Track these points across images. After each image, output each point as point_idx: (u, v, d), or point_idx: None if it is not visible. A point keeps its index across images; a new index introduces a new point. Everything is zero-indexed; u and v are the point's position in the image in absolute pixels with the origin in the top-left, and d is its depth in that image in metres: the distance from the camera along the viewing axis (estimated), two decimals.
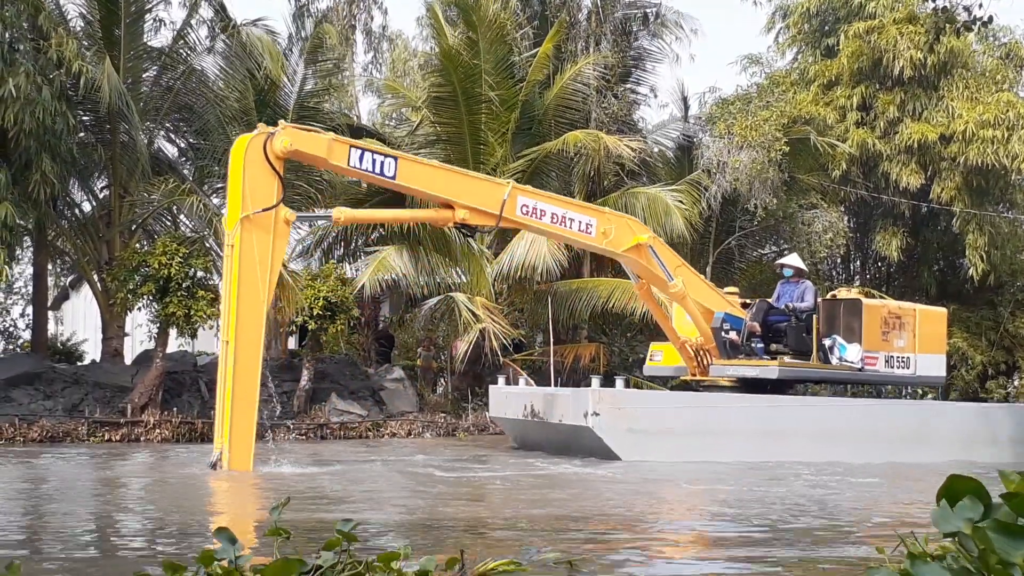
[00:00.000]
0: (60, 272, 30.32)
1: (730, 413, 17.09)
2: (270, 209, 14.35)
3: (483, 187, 16.55)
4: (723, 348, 17.82)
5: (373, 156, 15.28)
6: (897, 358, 18.48)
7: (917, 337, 18.87)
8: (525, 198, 16.53)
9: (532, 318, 26.24)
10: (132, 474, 15.19)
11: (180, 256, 20.50)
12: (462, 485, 13.71)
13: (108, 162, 23.55)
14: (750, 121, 25.75)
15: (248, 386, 14.14)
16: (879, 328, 18.33)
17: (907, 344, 18.70)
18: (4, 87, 18.31)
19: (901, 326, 18.66)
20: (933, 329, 19.48)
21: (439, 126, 26.13)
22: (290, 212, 14.92)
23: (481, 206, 16.10)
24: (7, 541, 8.44)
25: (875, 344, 18.24)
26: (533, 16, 28.51)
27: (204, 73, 25.42)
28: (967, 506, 1.80)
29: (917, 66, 27.27)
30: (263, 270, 14.28)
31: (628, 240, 17.47)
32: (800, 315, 17.98)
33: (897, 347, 18.52)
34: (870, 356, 18.16)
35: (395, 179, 15.40)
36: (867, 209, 30.61)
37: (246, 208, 14.30)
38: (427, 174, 16.10)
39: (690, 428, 16.63)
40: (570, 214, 17.00)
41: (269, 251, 14.38)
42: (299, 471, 14.81)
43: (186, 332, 21.48)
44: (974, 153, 26.27)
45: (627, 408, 16.58)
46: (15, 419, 19.45)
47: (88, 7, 23.91)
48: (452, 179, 16.31)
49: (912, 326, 18.85)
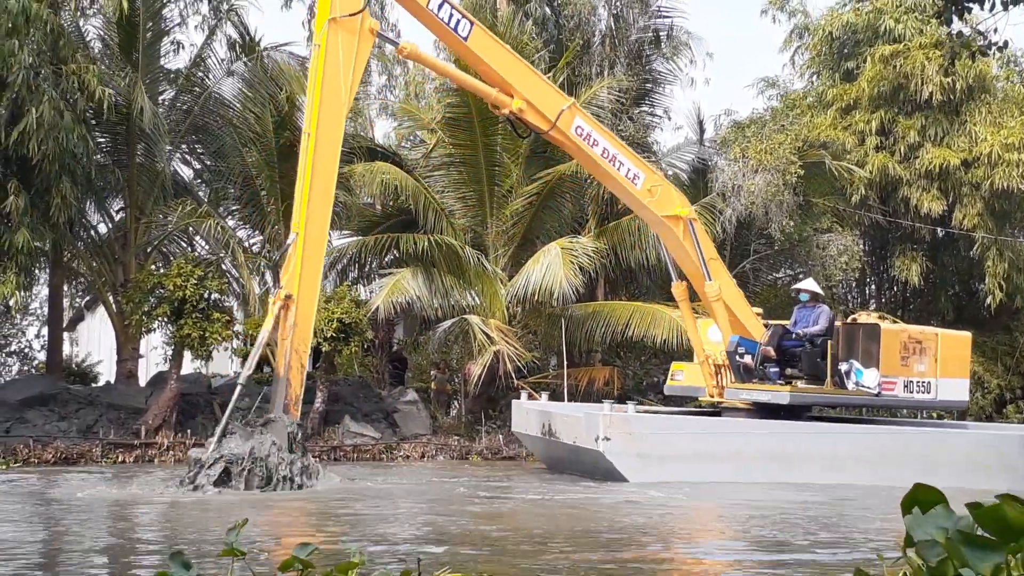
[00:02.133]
0: (75, 293, 30.42)
1: (742, 439, 17.02)
2: (357, 14, 15.14)
3: (547, 89, 17.08)
4: (737, 371, 17.80)
5: (452, 10, 15.96)
6: (917, 383, 18.34)
7: (939, 362, 18.73)
8: (582, 120, 17.05)
9: (546, 341, 26.20)
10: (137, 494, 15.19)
11: (195, 278, 20.54)
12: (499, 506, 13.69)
13: (125, 184, 23.66)
14: (765, 144, 25.72)
15: (326, 176, 15.28)
16: (898, 353, 18.20)
17: (928, 369, 18.55)
18: (29, 117, 18.37)
19: (922, 351, 18.52)
20: (955, 354, 19.32)
21: (454, 148, 26.18)
22: (374, 22, 15.80)
23: (539, 105, 16.54)
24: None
25: (894, 369, 18.12)
26: (549, 40, 28.58)
27: (222, 95, 25.58)
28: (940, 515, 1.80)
29: (946, 90, 27.22)
30: (346, 71, 15.17)
31: (671, 207, 17.58)
32: (814, 340, 17.91)
33: (917, 372, 18.38)
34: (888, 381, 18.04)
35: (467, 40, 15.98)
36: (883, 233, 30.51)
37: (334, 11, 15.03)
38: (500, 51, 16.63)
39: (701, 454, 16.56)
40: (622, 157, 17.45)
41: (353, 54, 15.23)
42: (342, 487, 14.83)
43: (201, 354, 21.52)
44: (999, 176, 26.19)
45: (638, 433, 16.54)
46: (30, 440, 19.50)
47: (106, 30, 24.10)
48: (520, 68, 16.80)
49: (934, 351, 18.71)
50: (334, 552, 8.00)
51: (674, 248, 18.32)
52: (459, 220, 26.20)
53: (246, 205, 26.52)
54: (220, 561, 7.44)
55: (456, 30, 15.99)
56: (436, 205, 25.61)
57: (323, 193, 15.37)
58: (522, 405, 20.08)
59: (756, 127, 27.66)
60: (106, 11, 21.02)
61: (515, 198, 25.75)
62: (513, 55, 17.49)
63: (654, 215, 18.08)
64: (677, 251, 18.33)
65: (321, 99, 15.16)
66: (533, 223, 26.11)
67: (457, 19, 16.05)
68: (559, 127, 16.81)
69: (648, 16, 29.03)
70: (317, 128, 15.16)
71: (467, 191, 26.24)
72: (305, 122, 15.81)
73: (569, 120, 16.93)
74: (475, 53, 16.49)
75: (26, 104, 18.37)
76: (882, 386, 17.92)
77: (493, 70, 16.68)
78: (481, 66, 17.00)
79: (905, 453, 17.79)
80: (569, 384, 23.64)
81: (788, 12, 32.86)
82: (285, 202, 25.26)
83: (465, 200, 26.38)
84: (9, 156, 19.19)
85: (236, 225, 26.34)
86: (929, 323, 25.73)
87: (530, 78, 17.12)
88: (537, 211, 26.04)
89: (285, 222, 25.30)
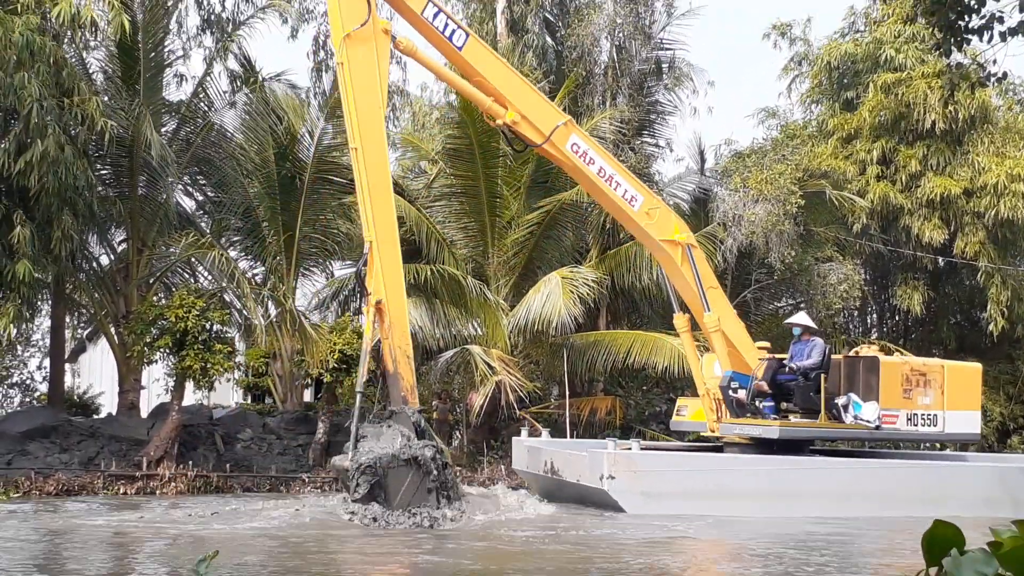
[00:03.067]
0: (77, 325, 30.43)
1: (746, 476, 16.93)
2: (365, 23, 15.77)
3: (541, 104, 17.30)
4: (731, 406, 17.73)
5: (448, 20, 16.60)
6: (922, 416, 18.17)
7: (946, 394, 18.54)
8: (579, 138, 17.25)
9: (548, 371, 26.17)
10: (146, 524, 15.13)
11: (197, 309, 20.55)
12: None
13: (127, 216, 23.71)
14: (765, 174, 25.78)
15: (382, 182, 15.98)
16: (899, 385, 18.07)
17: (933, 401, 18.35)
18: (33, 150, 18.42)
19: (926, 383, 18.35)
20: (964, 385, 19.08)
21: (455, 179, 26.26)
22: (388, 22, 16.36)
23: (533, 118, 16.83)
24: None
25: (895, 402, 17.99)
26: (549, 71, 28.73)
27: (223, 127, 25.68)
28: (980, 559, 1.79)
29: (949, 119, 27.29)
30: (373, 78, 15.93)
31: (669, 231, 17.56)
32: (807, 374, 17.83)
33: (922, 404, 18.21)
34: (889, 414, 17.92)
35: (461, 50, 16.62)
36: (884, 262, 30.53)
37: (345, 27, 15.84)
38: (494, 63, 17.05)
39: (706, 491, 16.46)
40: (619, 178, 17.55)
41: (375, 59, 15.99)
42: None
43: (203, 385, 21.50)
44: (1006, 206, 26.24)
45: (642, 471, 16.44)
46: (31, 472, 19.46)
47: (109, 63, 24.21)
48: (515, 80, 17.13)
49: (940, 383, 18.53)
50: None
51: (673, 274, 18.31)
52: (461, 250, 26.25)
53: (248, 236, 26.58)
54: None
55: (451, 39, 16.54)
56: (438, 235, 25.66)
57: (383, 198, 16.02)
58: (523, 442, 19.97)
59: (757, 157, 27.72)
60: (110, 34, 21.06)
61: (516, 227, 25.80)
62: (508, 68, 17.82)
63: (652, 239, 18.11)
64: (676, 278, 18.32)
65: (358, 111, 15.88)
66: (534, 253, 26.15)
67: (452, 29, 16.60)
68: (553, 142, 17.09)
69: (650, 48, 29.17)
70: (361, 139, 15.88)
71: (468, 221, 26.30)
72: (349, 138, 16.41)
73: (564, 136, 17.16)
74: (469, 63, 16.89)
75: (32, 136, 18.43)
76: (882, 419, 17.80)
77: (487, 81, 17.01)
78: (476, 76, 17.31)
79: (906, 487, 17.70)
80: (571, 414, 23.59)
81: (789, 39, 33.00)
82: (287, 233, 25.36)
83: (467, 230, 26.44)
84: (12, 187, 19.23)
85: (238, 256, 26.38)
86: (931, 352, 25.73)
87: (524, 91, 17.42)
88: (538, 241, 26.08)
89: (286, 253, 25.38)
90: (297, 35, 31.90)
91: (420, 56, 17.72)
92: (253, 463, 22.08)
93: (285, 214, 25.42)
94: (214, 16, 29.63)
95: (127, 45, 22.85)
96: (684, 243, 17.88)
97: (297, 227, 25.34)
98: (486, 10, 30.00)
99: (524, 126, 17.07)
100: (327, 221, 26.45)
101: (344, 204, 25.71)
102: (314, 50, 31.66)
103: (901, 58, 28.47)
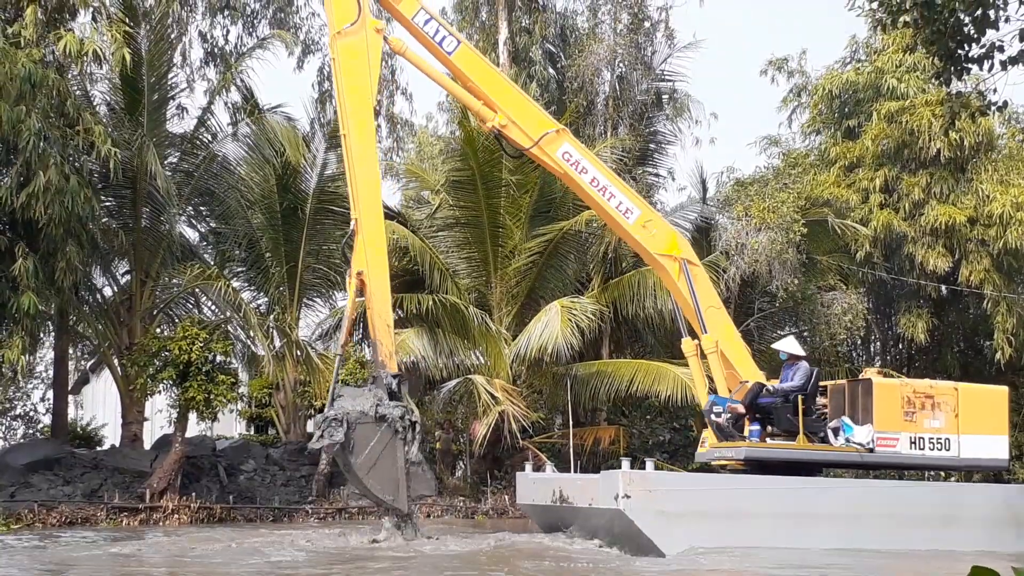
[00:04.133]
0: (81, 356, 30.42)
1: (760, 496, 16.54)
2: (355, 23, 16.55)
3: (531, 109, 17.67)
4: (716, 430, 17.57)
5: (439, 25, 17.27)
6: (931, 439, 17.87)
7: (960, 417, 18.35)
8: (571, 147, 17.44)
9: (551, 400, 26.14)
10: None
11: (200, 341, 20.55)
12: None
13: (130, 247, 23.75)
14: (768, 203, 25.81)
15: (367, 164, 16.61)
16: (899, 407, 17.83)
17: (945, 424, 18.03)
18: (36, 181, 18.44)
19: (935, 406, 18.03)
20: (984, 408, 18.32)
21: (458, 209, 26.32)
22: (380, 22, 17.19)
23: (521, 123, 17.19)
24: None
25: (893, 424, 17.73)
26: (552, 101, 28.84)
27: (226, 158, 25.78)
28: None
29: (954, 147, 27.32)
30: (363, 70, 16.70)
31: (665, 245, 17.57)
32: (788, 396, 17.63)
33: (930, 428, 17.88)
34: (886, 437, 17.66)
35: (451, 55, 17.17)
36: (887, 290, 30.52)
37: (334, 27, 16.70)
38: (485, 69, 17.58)
39: (721, 511, 16.17)
40: (614, 189, 17.67)
41: (365, 53, 16.65)
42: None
43: (206, 416, 21.49)
44: (1013, 235, 26.25)
45: (658, 491, 16.15)
46: (34, 505, 19.40)
47: (112, 94, 24.32)
48: (504, 85, 17.64)
49: (952, 405, 18.07)
50: None
51: (673, 291, 18.20)
52: (463, 280, 26.29)
53: (251, 267, 26.64)
54: None
55: (440, 44, 17.17)
56: (441, 265, 25.71)
57: (367, 178, 16.59)
58: (528, 476, 19.77)
59: (759, 185, 27.77)
60: (113, 66, 21.16)
61: (518, 256, 25.81)
62: (497, 73, 18.25)
63: (648, 252, 18.09)
64: (676, 295, 18.21)
65: (347, 98, 16.64)
66: (537, 283, 26.17)
67: (444, 35, 17.24)
68: (542, 147, 17.35)
69: (651, 78, 29.33)
70: (349, 125, 16.59)
71: (471, 251, 26.36)
72: (340, 127, 17.15)
73: (555, 144, 17.38)
74: (459, 68, 17.39)
75: (33, 168, 18.44)
76: (878, 442, 17.53)
77: (478, 86, 17.47)
78: (468, 82, 17.73)
79: (914, 510, 17.48)
80: (575, 444, 23.51)
81: (787, 72, 33.18)
82: (289, 264, 25.41)
83: (469, 260, 26.49)
84: (16, 220, 19.26)
85: (241, 287, 26.42)
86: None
87: (513, 95, 17.80)
88: (540, 270, 26.11)
89: (289, 284, 25.44)
90: (303, 66, 32.16)
91: (410, 55, 18.12)
92: (256, 494, 22.05)
93: (288, 245, 25.48)
94: (218, 49, 29.87)
95: (131, 77, 22.96)
96: (681, 258, 17.77)
97: (300, 258, 25.40)
98: (488, 41, 30.16)
99: (512, 129, 17.42)
100: (330, 252, 26.51)
101: (347, 234, 25.78)
102: (319, 80, 31.85)
103: (903, 87, 28.55)
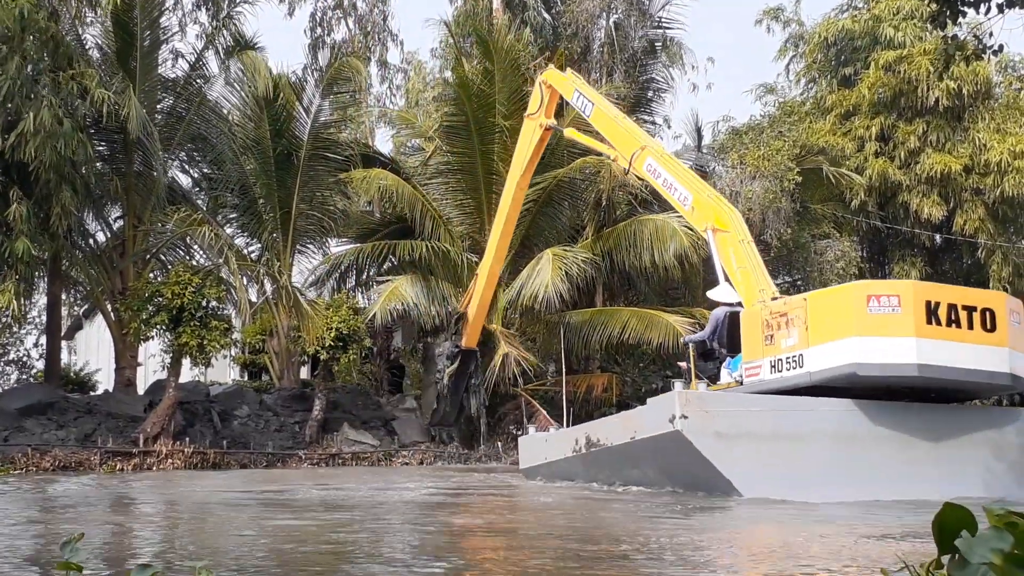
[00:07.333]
0: (74, 302, 30.41)
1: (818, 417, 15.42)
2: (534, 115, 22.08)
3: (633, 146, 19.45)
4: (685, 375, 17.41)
5: (583, 97, 21.01)
6: (787, 359, 15.43)
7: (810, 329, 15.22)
8: (652, 160, 18.99)
9: (544, 348, 26.19)
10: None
11: (193, 286, 20.51)
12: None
13: (123, 192, 23.66)
14: (763, 151, 25.74)
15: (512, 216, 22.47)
16: (759, 332, 15.87)
17: (798, 340, 15.35)
18: (25, 122, 18.30)
19: (788, 323, 15.51)
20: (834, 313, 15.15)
21: (451, 155, 26.21)
22: (549, 121, 22.12)
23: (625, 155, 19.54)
24: None
25: (756, 352, 15.89)
26: (545, 46, 28.64)
27: (219, 103, 25.60)
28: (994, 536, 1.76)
29: (951, 95, 27.19)
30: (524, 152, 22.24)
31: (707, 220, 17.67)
32: (703, 344, 17.34)
33: (785, 347, 15.44)
34: (751, 365, 16.61)
35: (589, 117, 20.65)
36: (881, 239, 30.52)
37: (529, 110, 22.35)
38: (612, 124, 20.22)
39: (778, 432, 15.19)
40: (676, 183, 18.38)
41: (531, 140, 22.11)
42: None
43: (200, 362, 21.49)
44: (1010, 184, 26.19)
45: (714, 411, 15.40)
46: (28, 449, 19.45)
47: (104, 38, 24.12)
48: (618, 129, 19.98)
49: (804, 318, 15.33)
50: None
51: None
52: (457, 227, 26.22)
53: (244, 213, 26.54)
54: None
55: (583, 111, 20.98)
56: (434, 212, 25.64)
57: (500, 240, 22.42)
58: (534, 437, 19.36)
59: (754, 134, 27.70)
60: (105, 6, 20.88)
61: None
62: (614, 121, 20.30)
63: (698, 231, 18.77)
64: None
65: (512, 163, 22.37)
66: (531, 230, 26.11)
67: (585, 103, 20.89)
68: (634, 167, 19.25)
69: (647, 25, 29.10)
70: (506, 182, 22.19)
71: (465, 199, 26.27)
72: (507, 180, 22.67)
73: (641, 162, 18.96)
74: (596, 126, 20.58)
75: (23, 110, 18.30)
76: (745, 373, 16.62)
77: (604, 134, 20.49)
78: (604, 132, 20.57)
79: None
80: (568, 391, 23.55)
81: (782, 22, 32.97)
82: (283, 210, 25.32)
83: (463, 207, 26.40)
84: (8, 164, 19.15)
85: (234, 233, 26.34)
86: None
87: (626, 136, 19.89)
88: (535, 218, 26.05)
89: (283, 229, 25.36)
90: (294, 12, 31.88)
91: (579, 138, 21.63)
92: (250, 440, 22.13)
93: (281, 191, 25.37)
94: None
95: (123, 21, 22.74)
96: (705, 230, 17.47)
97: (293, 204, 25.33)
98: None
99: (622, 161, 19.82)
100: (323, 198, 26.44)
101: (340, 181, 25.70)
102: (310, 27, 31.60)
103: (900, 36, 28.40)
